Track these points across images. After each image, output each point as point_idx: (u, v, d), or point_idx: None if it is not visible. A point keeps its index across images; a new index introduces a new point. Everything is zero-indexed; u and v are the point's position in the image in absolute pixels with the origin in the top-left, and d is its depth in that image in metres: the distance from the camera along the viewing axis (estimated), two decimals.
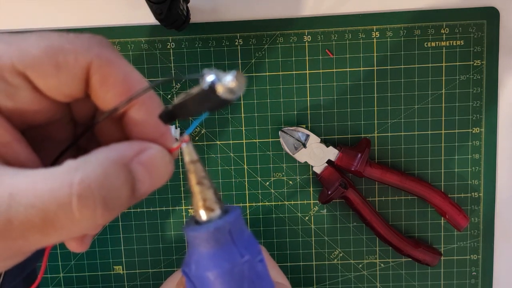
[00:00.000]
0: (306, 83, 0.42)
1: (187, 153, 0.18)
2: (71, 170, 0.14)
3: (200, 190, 0.18)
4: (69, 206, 0.13)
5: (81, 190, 0.14)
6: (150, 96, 0.17)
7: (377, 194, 0.43)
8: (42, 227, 0.14)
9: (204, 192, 0.18)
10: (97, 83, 0.16)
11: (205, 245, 0.17)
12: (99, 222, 0.14)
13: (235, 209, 0.18)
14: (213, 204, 0.18)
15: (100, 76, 0.16)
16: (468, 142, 0.42)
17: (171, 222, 0.44)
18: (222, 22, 0.41)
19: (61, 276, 0.44)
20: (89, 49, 0.16)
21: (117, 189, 0.15)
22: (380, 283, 0.44)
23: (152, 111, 0.17)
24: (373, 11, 0.41)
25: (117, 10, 0.41)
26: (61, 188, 0.14)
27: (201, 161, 0.18)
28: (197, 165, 0.18)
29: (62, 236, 0.14)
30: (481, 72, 0.41)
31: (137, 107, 0.17)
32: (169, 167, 0.17)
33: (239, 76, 0.15)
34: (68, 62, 0.15)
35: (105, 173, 0.14)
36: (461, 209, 0.41)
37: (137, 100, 0.17)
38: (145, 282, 0.44)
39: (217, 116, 0.42)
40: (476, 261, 0.44)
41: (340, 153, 0.40)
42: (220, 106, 0.16)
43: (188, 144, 0.18)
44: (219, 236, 0.17)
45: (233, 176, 0.43)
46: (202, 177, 0.18)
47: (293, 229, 0.44)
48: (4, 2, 0.41)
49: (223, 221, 0.17)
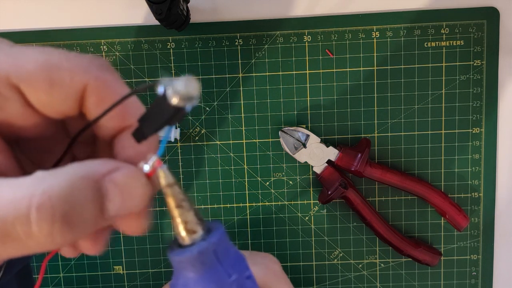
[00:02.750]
0: (306, 83, 0.42)
1: (163, 177, 0.17)
2: (37, 181, 0.13)
3: (180, 213, 0.17)
4: (27, 218, 0.13)
5: (41, 201, 0.13)
6: None
7: (377, 194, 0.43)
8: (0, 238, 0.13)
9: (184, 214, 0.17)
10: (93, 105, 0.16)
11: (191, 269, 0.17)
12: (58, 240, 0.13)
13: (218, 228, 0.18)
14: (194, 226, 0.17)
15: (97, 98, 0.16)
16: (468, 142, 0.42)
17: (171, 222, 0.43)
18: (222, 22, 0.41)
19: (61, 276, 0.44)
20: (88, 70, 0.16)
21: (82, 205, 0.14)
22: (380, 283, 0.44)
23: None
24: (373, 11, 0.41)
25: (117, 10, 0.41)
26: (23, 198, 0.13)
27: (178, 183, 0.17)
28: (175, 188, 0.17)
29: (19, 250, 0.13)
30: (481, 72, 0.41)
31: (128, 131, 0.17)
32: (144, 189, 0.16)
33: (189, 81, 0.14)
34: (62, 80, 0.15)
35: (70, 187, 0.13)
36: (461, 209, 0.41)
37: (132, 125, 0.16)
38: (145, 282, 0.44)
39: (217, 116, 0.42)
40: (476, 261, 0.44)
41: (340, 153, 0.40)
42: (176, 117, 0.15)
43: (163, 168, 0.17)
44: (204, 258, 0.17)
45: (233, 176, 0.43)
46: (181, 200, 0.17)
47: (293, 229, 0.44)
48: (4, 2, 0.41)
49: (206, 242, 0.17)
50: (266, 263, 0.37)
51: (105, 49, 0.41)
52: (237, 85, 0.42)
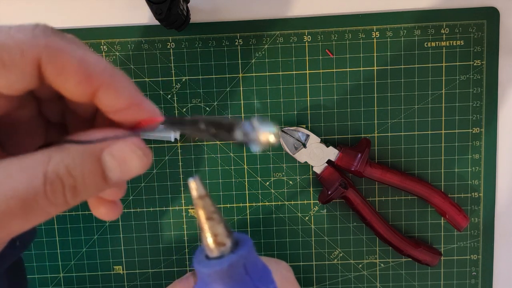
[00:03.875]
0: (306, 83, 0.42)
1: (195, 188, 0.17)
2: (44, 160, 0.15)
3: (211, 225, 0.17)
4: (43, 193, 0.15)
5: (52, 178, 0.15)
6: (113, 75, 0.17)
7: (377, 194, 0.43)
8: (23, 214, 0.15)
9: (214, 227, 0.17)
10: (52, 75, 0.16)
11: (220, 282, 0.17)
12: (72, 203, 0.16)
13: (247, 241, 0.18)
14: (224, 238, 0.17)
15: (54, 67, 0.16)
16: (468, 142, 0.42)
17: (171, 222, 0.44)
18: (222, 22, 0.41)
19: (61, 276, 0.44)
20: (35, 41, 0.15)
21: (86, 177, 0.16)
22: (380, 283, 0.44)
23: (121, 90, 0.17)
24: (373, 11, 0.41)
25: (117, 10, 0.41)
26: (36, 177, 0.15)
27: (209, 195, 0.17)
28: (206, 200, 0.17)
29: (40, 219, 0.16)
30: (481, 72, 0.41)
31: (103, 92, 0.16)
32: (141, 159, 0.17)
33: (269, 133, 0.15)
34: (14, 60, 0.15)
35: (74, 163, 0.15)
36: (461, 209, 0.41)
37: (102, 84, 0.16)
38: (145, 282, 0.44)
39: (217, 116, 0.42)
40: (476, 261, 0.44)
41: (340, 153, 0.40)
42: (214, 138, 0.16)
43: (195, 179, 0.17)
44: (234, 271, 0.17)
45: (233, 176, 0.43)
46: (212, 212, 0.17)
47: (293, 229, 0.44)
48: (4, 2, 0.41)
49: (237, 256, 0.17)
50: (280, 270, 0.38)
51: (105, 49, 0.41)
52: (237, 85, 0.42)
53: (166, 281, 0.44)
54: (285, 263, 0.39)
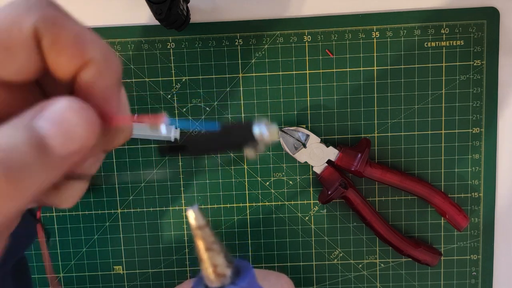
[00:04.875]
0: (306, 83, 0.42)
1: (193, 218, 0.17)
2: None
3: (210, 256, 0.17)
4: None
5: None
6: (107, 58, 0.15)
7: (377, 194, 0.43)
8: None
9: (214, 257, 0.17)
10: (47, 48, 0.14)
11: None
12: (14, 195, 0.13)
13: (247, 269, 0.17)
14: (224, 269, 0.17)
15: (49, 38, 0.14)
16: (468, 142, 0.42)
17: (171, 222, 0.44)
18: (222, 22, 0.41)
19: (61, 276, 0.44)
20: (30, 12, 0.14)
21: (20, 152, 0.13)
22: (380, 283, 0.44)
23: (104, 73, 0.15)
24: (373, 11, 0.41)
25: (117, 10, 0.41)
26: None
27: (209, 225, 0.17)
28: (205, 230, 0.17)
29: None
30: (481, 72, 0.41)
31: (89, 67, 0.15)
32: (84, 118, 0.14)
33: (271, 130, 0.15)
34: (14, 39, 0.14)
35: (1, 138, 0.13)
36: (461, 209, 0.41)
37: (92, 61, 0.15)
38: (145, 282, 0.44)
39: (217, 116, 0.42)
40: (476, 261, 0.44)
41: (340, 153, 0.40)
42: None
43: (194, 209, 0.17)
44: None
45: (233, 176, 0.43)
46: (211, 243, 0.17)
47: (293, 229, 0.44)
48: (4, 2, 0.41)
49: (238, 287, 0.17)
50: (281, 284, 0.37)
51: None
52: (237, 85, 0.42)
53: (166, 281, 0.44)
54: (286, 277, 0.39)
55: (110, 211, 0.43)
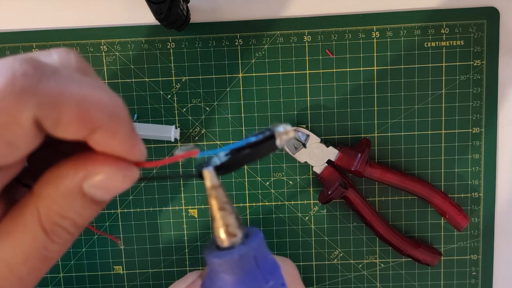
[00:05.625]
0: (306, 83, 0.42)
1: (209, 178, 0.17)
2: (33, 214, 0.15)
3: (223, 215, 0.17)
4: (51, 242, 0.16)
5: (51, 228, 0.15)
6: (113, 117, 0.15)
7: (377, 194, 0.43)
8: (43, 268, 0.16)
9: (226, 217, 0.17)
10: (50, 129, 0.14)
11: (230, 272, 0.17)
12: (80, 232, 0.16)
13: (257, 233, 0.18)
14: (235, 229, 0.17)
15: (51, 122, 0.14)
16: (468, 142, 0.42)
17: (171, 222, 0.44)
18: (222, 22, 0.41)
19: (61, 276, 0.44)
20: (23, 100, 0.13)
21: (79, 211, 0.16)
22: (380, 283, 0.44)
23: (115, 131, 0.15)
24: (373, 11, 0.41)
25: (117, 10, 0.41)
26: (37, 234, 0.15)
27: (222, 186, 0.17)
28: (219, 190, 0.17)
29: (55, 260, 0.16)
30: (481, 72, 0.41)
31: (97, 132, 0.15)
32: (124, 182, 0.16)
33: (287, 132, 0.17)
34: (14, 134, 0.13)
35: (61, 207, 0.15)
36: (461, 209, 0.41)
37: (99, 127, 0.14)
38: (145, 282, 0.44)
39: (217, 116, 0.42)
40: (476, 261, 0.44)
41: (340, 153, 0.40)
42: None
43: (209, 170, 0.17)
44: (244, 262, 0.17)
45: (233, 176, 0.43)
46: (224, 203, 0.17)
47: (293, 229, 0.44)
48: (4, 2, 0.41)
49: (248, 247, 0.17)
50: (286, 268, 0.37)
51: (105, 49, 0.41)
52: (237, 85, 0.42)
53: (166, 281, 0.44)
54: (290, 261, 0.39)
55: (109, 211, 0.43)
